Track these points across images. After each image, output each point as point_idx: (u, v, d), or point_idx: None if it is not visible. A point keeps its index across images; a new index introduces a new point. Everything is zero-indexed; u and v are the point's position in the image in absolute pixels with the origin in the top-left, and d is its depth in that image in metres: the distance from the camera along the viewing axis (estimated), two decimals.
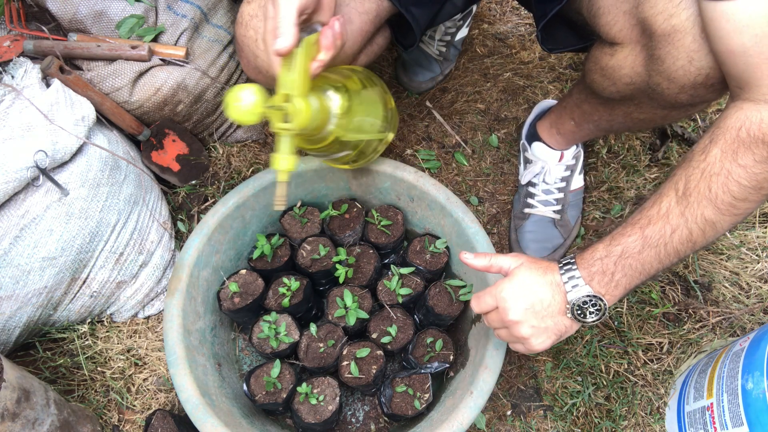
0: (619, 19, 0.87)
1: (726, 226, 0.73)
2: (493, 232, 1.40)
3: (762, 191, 0.70)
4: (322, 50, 0.80)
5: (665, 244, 0.74)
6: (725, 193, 0.70)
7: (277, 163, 0.82)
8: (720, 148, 0.71)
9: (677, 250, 0.74)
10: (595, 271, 0.77)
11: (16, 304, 1.07)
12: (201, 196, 1.39)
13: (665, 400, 1.20)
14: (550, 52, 1.29)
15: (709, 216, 0.72)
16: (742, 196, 0.70)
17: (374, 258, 1.18)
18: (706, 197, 0.71)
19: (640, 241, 0.75)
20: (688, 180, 0.73)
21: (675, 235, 0.74)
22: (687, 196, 0.73)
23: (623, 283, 0.77)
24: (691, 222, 0.73)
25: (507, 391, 1.22)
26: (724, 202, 0.71)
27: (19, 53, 1.18)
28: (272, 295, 1.15)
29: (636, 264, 0.76)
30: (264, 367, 1.09)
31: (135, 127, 1.25)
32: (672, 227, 0.73)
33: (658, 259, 0.75)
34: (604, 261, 0.77)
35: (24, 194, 1.03)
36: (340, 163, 1.10)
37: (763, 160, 0.68)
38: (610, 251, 0.77)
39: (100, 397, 1.18)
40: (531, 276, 0.81)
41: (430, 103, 1.54)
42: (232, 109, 0.75)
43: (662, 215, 0.74)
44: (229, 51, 1.33)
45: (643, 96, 0.93)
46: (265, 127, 1.48)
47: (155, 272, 1.23)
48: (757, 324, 1.27)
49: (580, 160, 1.34)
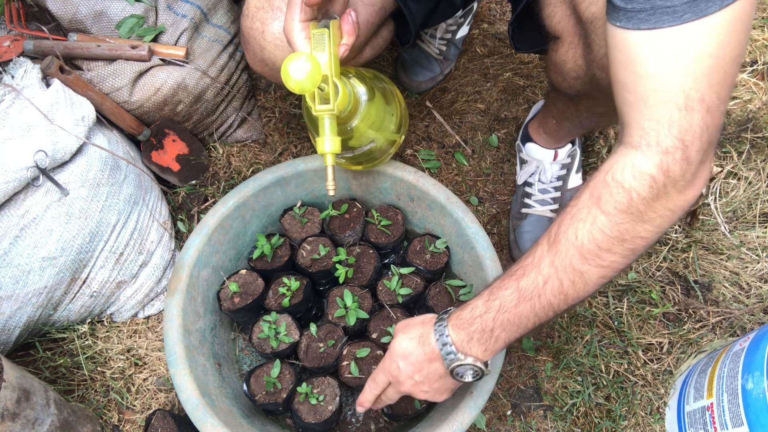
0: (557, 10, 0.88)
1: (595, 278, 0.69)
2: (493, 232, 1.40)
3: (625, 244, 0.67)
4: (344, 35, 0.82)
5: (539, 296, 0.71)
6: (590, 241, 0.67)
7: (322, 145, 0.83)
8: (589, 192, 0.67)
9: (551, 302, 0.71)
10: (474, 330, 0.76)
11: (16, 304, 1.07)
12: (201, 196, 1.39)
13: (665, 400, 1.20)
14: (518, 51, 1.27)
15: (577, 266, 0.68)
16: (607, 246, 0.67)
17: (374, 258, 1.18)
18: (573, 244, 0.68)
19: (516, 294, 0.72)
20: (560, 225, 0.70)
21: (547, 286, 0.70)
22: (557, 243, 0.69)
23: (502, 338, 0.75)
24: (560, 271, 0.69)
25: (507, 391, 1.22)
26: (590, 252, 0.67)
27: (19, 53, 1.18)
28: (272, 295, 1.15)
29: (513, 318, 0.73)
30: (264, 367, 1.09)
31: (135, 127, 1.25)
32: (544, 277, 0.70)
33: (534, 312, 0.72)
34: (484, 318, 0.75)
35: (24, 194, 1.03)
36: (354, 163, 1.11)
37: (624, 209, 0.65)
38: (489, 306, 0.75)
39: (100, 397, 1.18)
40: (408, 346, 0.82)
41: (430, 103, 1.53)
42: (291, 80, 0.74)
43: (535, 264, 0.71)
44: (229, 51, 1.33)
45: (593, 89, 0.93)
46: (265, 127, 1.48)
47: (155, 272, 1.23)
48: (757, 324, 1.27)
49: (577, 158, 1.34)
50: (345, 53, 0.82)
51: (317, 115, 0.83)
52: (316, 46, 0.79)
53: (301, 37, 0.80)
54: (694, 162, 0.63)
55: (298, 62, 0.73)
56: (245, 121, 1.44)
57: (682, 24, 0.57)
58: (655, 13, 0.58)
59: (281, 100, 1.51)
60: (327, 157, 0.84)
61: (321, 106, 0.82)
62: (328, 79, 0.80)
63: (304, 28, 0.79)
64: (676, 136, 0.61)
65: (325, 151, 0.84)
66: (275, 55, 0.95)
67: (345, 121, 0.92)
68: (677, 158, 0.62)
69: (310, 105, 0.83)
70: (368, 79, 0.97)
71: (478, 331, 0.76)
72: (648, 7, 0.58)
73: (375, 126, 0.99)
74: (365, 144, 1.01)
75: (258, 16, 0.93)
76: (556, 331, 1.26)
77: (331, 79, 0.80)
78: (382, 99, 1.00)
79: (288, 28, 0.80)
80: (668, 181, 0.63)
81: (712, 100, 0.60)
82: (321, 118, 0.83)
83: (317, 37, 0.79)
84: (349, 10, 0.82)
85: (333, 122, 0.83)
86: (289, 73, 0.73)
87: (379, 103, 0.98)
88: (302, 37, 0.80)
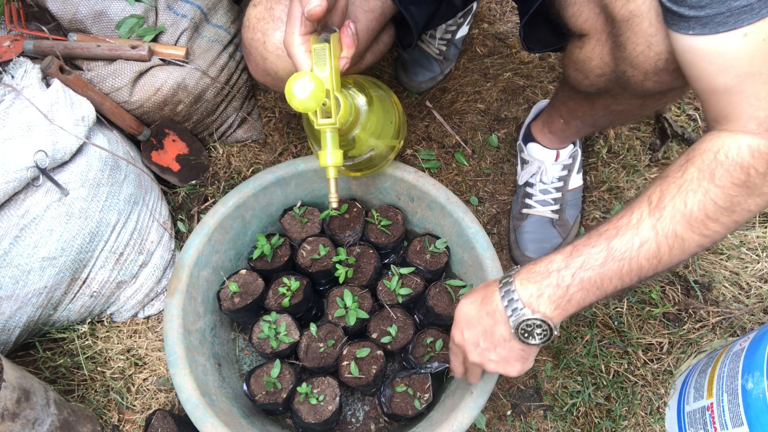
0: (585, 9, 0.88)
1: (693, 247, 0.70)
2: (493, 232, 1.40)
3: (734, 215, 0.69)
4: (344, 48, 0.82)
5: (630, 258, 0.70)
6: (700, 210, 0.68)
7: (324, 159, 0.84)
8: (697, 167, 0.69)
9: (641, 266, 0.70)
10: (547, 284, 0.72)
11: (16, 304, 1.07)
12: (201, 196, 1.39)
13: (665, 400, 1.20)
14: (531, 52, 1.28)
15: (680, 232, 0.69)
16: (715, 216, 0.69)
17: (374, 258, 1.18)
18: (680, 212, 0.69)
19: (605, 252, 0.70)
20: (663, 193, 0.70)
21: (643, 248, 0.69)
22: (661, 209, 0.70)
23: (577, 299, 0.72)
24: (661, 236, 0.69)
25: (507, 391, 1.22)
26: (698, 220, 0.69)
27: (19, 53, 1.18)
28: (272, 295, 1.15)
29: (596, 278, 0.70)
30: (264, 367, 1.09)
31: (135, 127, 1.25)
32: (641, 239, 0.69)
33: (620, 275, 0.70)
34: (562, 273, 0.71)
35: (24, 194, 1.03)
36: (354, 170, 1.12)
37: (741, 183, 0.67)
38: (569, 262, 0.71)
39: (100, 397, 1.18)
40: (470, 310, 0.79)
41: (430, 103, 1.53)
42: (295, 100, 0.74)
43: (632, 226, 0.70)
44: (229, 51, 1.33)
45: (616, 87, 0.93)
46: (265, 127, 1.48)
47: (155, 272, 1.23)
48: (757, 324, 1.27)
49: (578, 159, 1.34)
50: (345, 66, 0.82)
51: (319, 129, 0.83)
52: (317, 60, 0.79)
53: (302, 51, 0.79)
54: None
55: (301, 82, 0.74)
56: (245, 121, 1.44)
57: (761, 20, 0.61)
58: (733, 15, 0.61)
59: (281, 100, 1.51)
60: (329, 170, 0.85)
61: (323, 120, 0.82)
62: (329, 94, 0.80)
63: (304, 41, 0.79)
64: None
65: (328, 165, 0.84)
66: (277, 65, 0.95)
67: (346, 132, 0.93)
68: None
69: (312, 120, 0.83)
70: (367, 88, 0.97)
71: (552, 285, 0.71)
72: (724, 10, 0.61)
73: (375, 134, 0.99)
74: (365, 152, 1.02)
75: (259, 27, 0.93)
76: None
77: (333, 93, 0.80)
78: (381, 107, 1.00)
79: (288, 42, 0.80)
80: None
81: None
82: (323, 132, 0.83)
83: (318, 52, 0.79)
84: (348, 22, 0.82)
85: (335, 135, 0.84)
86: (293, 92, 0.74)
87: (378, 112, 0.98)
88: (303, 51, 0.79)
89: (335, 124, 0.82)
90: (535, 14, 0.98)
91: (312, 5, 0.73)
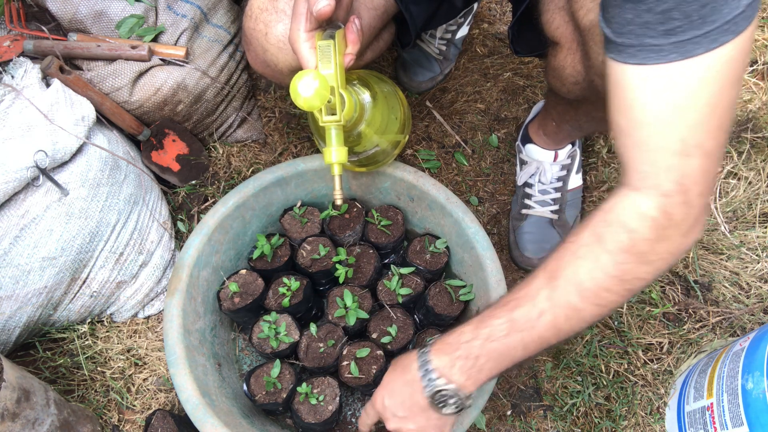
0: (556, 16, 0.88)
1: (589, 316, 0.69)
2: (493, 232, 1.40)
3: (625, 285, 0.66)
4: (349, 44, 0.82)
5: (531, 327, 0.70)
6: (590, 280, 0.66)
7: (329, 155, 0.84)
8: (590, 231, 0.67)
9: (542, 336, 0.70)
10: (458, 355, 0.73)
11: (16, 304, 1.07)
12: (201, 196, 1.39)
13: (665, 400, 1.20)
14: (517, 55, 1.27)
15: (575, 303, 0.67)
16: (606, 286, 0.66)
17: (374, 258, 1.18)
18: (572, 282, 0.67)
19: (508, 324, 0.71)
20: (559, 261, 0.69)
21: (541, 319, 0.69)
22: (555, 279, 0.68)
23: (487, 368, 0.73)
24: (557, 307, 0.68)
25: (507, 391, 1.22)
26: (590, 290, 0.67)
27: (19, 53, 1.18)
28: (272, 295, 1.15)
29: (502, 348, 0.72)
30: (264, 367, 1.09)
31: (135, 127, 1.25)
32: (539, 310, 0.69)
33: (524, 344, 0.71)
34: (471, 344, 0.73)
35: (24, 194, 1.03)
36: (358, 165, 1.11)
37: (626, 249, 0.64)
38: (477, 334, 0.73)
39: (100, 397, 1.18)
40: (392, 378, 0.82)
41: (430, 103, 1.53)
42: (300, 98, 0.74)
43: (530, 297, 0.70)
44: (229, 51, 1.33)
45: (592, 95, 0.93)
46: (265, 127, 1.47)
47: (155, 272, 1.23)
48: (757, 324, 1.27)
49: (577, 159, 1.34)
50: (350, 62, 0.82)
51: (324, 126, 0.83)
52: (322, 57, 0.79)
53: (307, 48, 0.79)
54: (696, 205, 0.62)
55: (306, 80, 0.73)
56: (245, 121, 1.44)
57: (667, 63, 0.57)
58: (643, 50, 0.58)
59: (281, 100, 1.51)
60: (334, 167, 0.85)
61: (328, 117, 0.82)
62: (334, 91, 0.80)
63: (309, 38, 0.79)
64: (675, 180, 0.61)
65: (333, 162, 0.84)
66: (278, 58, 0.95)
67: (351, 128, 0.93)
68: (678, 201, 0.61)
69: (317, 117, 0.83)
70: (371, 84, 0.97)
71: (462, 357, 0.73)
72: (636, 43, 0.58)
73: (380, 130, 0.99)
74: (370, 148, 1.02)
75: (261, 17, 0.93)
76: None
77: (338, 90, 0.80)
78: (385, 102, 1.00)
79: (293, 38, 0.80)
80: (671, 223, 0.62)
81: (711, 145, 0.60)
82: (328, 128, 0.83)
83: (323, 48, 0.79)
84: (353, 18, 0.82)
85: (340, 132, 0.84)
86: (298, 91, 0.74)
87: (383, 107, 0.98)
88: (308, 48, 0.79)
89: (340, 121, 0.82)
90: (525, 17, 0.98)
91: (321, 5, 0.73)
